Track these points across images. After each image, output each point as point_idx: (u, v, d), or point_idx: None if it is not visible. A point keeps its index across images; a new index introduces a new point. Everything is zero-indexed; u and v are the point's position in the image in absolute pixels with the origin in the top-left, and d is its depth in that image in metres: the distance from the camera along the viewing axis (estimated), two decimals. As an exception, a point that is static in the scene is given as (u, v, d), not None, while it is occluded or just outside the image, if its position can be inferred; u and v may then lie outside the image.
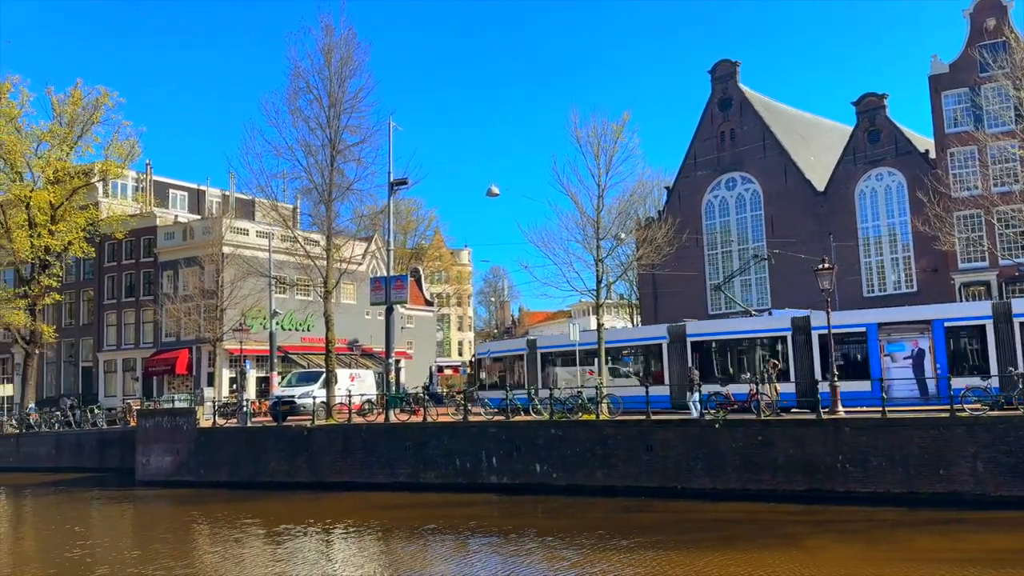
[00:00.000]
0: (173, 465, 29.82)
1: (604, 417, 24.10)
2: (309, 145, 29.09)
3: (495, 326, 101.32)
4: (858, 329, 24.31)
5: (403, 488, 24.79)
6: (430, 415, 26.71)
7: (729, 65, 47.30)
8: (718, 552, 15.72)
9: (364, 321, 48.88)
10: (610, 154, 29.50)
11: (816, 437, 20.39)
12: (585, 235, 29.79)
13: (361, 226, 33.75)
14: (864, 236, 41.89)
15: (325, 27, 29.25)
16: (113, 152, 44.08)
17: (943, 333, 23.16)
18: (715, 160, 46.96)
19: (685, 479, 21.64)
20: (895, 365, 23.55)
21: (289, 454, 27.44)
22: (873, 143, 41.66)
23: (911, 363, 23.36)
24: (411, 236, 78.01)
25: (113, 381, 49.24)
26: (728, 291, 40.17)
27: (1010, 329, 22.18)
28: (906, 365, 23.42)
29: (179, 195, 56.19)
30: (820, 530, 17.53)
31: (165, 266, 46.88)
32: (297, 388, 31.54)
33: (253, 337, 38.49)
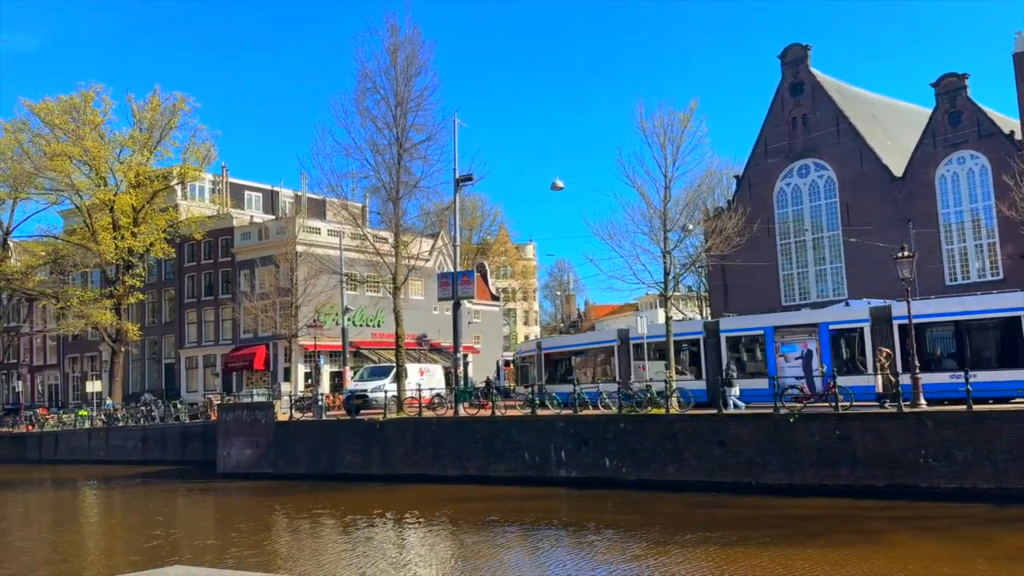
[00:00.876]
0: (253, 458, 30.72)
1: (674, 411, 23.83)
2: (377, 144, 29.56)
3: (560, 320, 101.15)
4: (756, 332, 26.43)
5: (473, 481, 25.02)
6: (498, 409, 26.89)
7: (800, 49, 46.00)
8: (795, 548, 15.38)
9: (432, 316, 49.45)
10: (677, 144, 29.03)
11: (897, 431, 19.72)
12: (652, 227, 29.40)
13: (428, 223, 34.16)
14: (945, 222, 40.24)
15: (391, 27, 29.64)
16: (191, 156, 45.74)
17: (828, 335, 24.79)
18: (787, 147, 45.76)
19: (759, 474, 21.22)
20: (788, 365, 25.09)
21: (363, 447, 28.01)
22: (954, 125, 39.95)
23: (800, 363, 24.93)
24: (476, 232, 78.58)
25: (194, 377, 51.09)
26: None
27: (889, 330, 23.23)
28: (797, 365, 25.02)
29: (254, 196, 57.88)
30: (902, 527, 16.97)
31: (242, 265, 48.33)
32: (369, 382, 32.14)
33: (326, 333, 39.41)
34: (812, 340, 25.57)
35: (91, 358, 56.40)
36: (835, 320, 25.81)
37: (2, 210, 49.63)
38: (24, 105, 45.03)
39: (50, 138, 44.43)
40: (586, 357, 33.34)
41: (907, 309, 21.67)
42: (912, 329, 21.32)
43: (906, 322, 21.74)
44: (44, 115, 44.24)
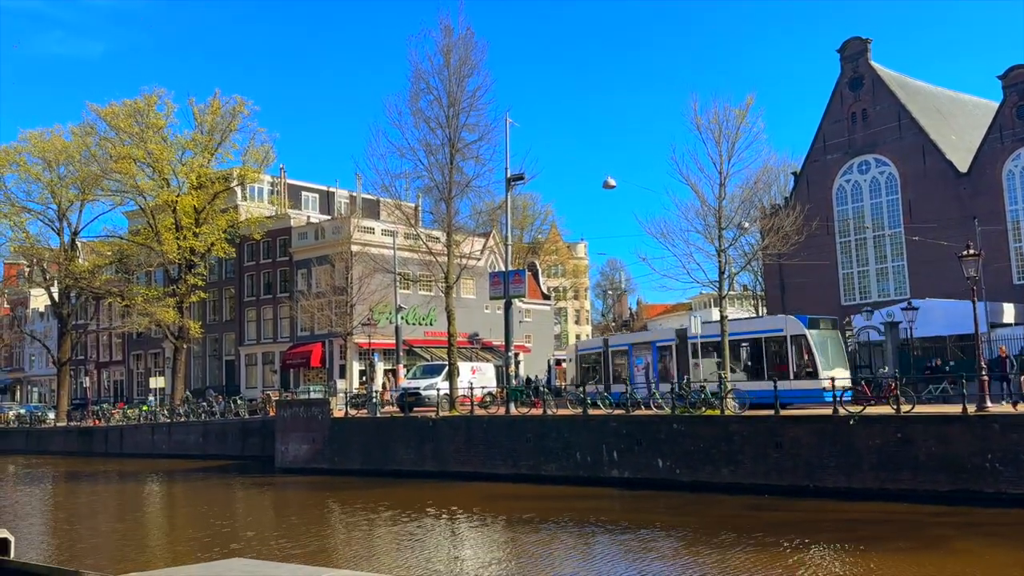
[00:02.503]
0: (309, 453, 31.30)
1: (729, 412, 23.49)
2: (429, 145, 29.83)
3: (612, 319, 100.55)
4: (623, 347, 33.25)
5: (524, 480, 25.07)
6: (549, 408, 26.89)
7: (859, 43, 44.86)
8: (856, 553, 15.02)
9: (483, 315, 49.69)
10: (732, 140, 28.57)
11: (962, 434, 19.09)
12: (706, 225, 29.00)
13: (480, 222, 34.34)
14: (1013, 219, 38.81)
15: (444, 28, 29.88)
16: (250, 158, 46.87)
17: (656, 351, 30.87)
18: (846, 143, 44.67)
19: (817, 477, 20.78)
20: (638, 374, 31.10)
21: (416, 444, 28.31)
22: (1022, 119, 38.48)
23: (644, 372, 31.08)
24: (528, 231, 78.69)
25: (253, 373, 52.31)
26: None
27: (685, 347, 29.41)
28: (642, 373, 31.04)
29: (310, 197, 59.00)
30: (969, 533, 16.42)
31: (299, 264, 49.30)
32: (422, 380, 32.45)
33: (380, 331, 39.93)
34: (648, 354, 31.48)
35: (154, 355, 58.23)
36: (658, 339, 31.97)
37: (71, 211, 51.64)
38: (91, 109, 46.78)
39: (115, 141, 45.99)
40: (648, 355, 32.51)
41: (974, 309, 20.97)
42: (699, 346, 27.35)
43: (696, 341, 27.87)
44: (110, 119, 45.81)
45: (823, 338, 26.86)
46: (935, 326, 32.98)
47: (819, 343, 26.33)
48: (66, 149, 48.33)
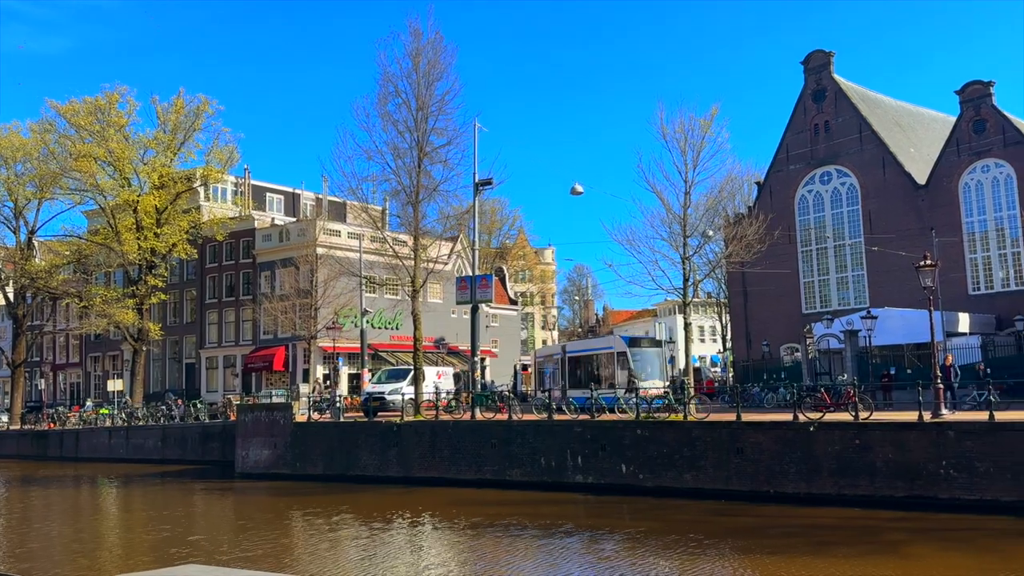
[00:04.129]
0: (271, 458, 30.91)
1: (692, 418, 23.72)
2: (397, 148, 29.72)
3: (579, 325, 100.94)
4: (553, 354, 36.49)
5: (489, 485, 25.02)
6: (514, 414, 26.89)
7: (823, 56, 45.68)
8: (813, 557, 15.26)
9: (450, 320, 49.58)
10: (697, 149, 29.09)
11: (918, 441, 19.49)
12: (671, 232, 29.47)
13: (447, 226, 34.28)
14: (969, 231, 39.74)
15: (413, 32, 29.82)
16: (214, 158, 46.23)
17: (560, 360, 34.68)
18: (809, 154, 45.43)
19: (777, 483, 21.06)
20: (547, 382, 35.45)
21: (379, 449, 28.11)
22: (978, 133, 39.47)
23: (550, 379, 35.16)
24: (495, 236, 78.70)
25: (214, 377, 51.54)
26: None
27: (565, 359, 34.03)
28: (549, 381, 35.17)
29: (275, 198, 58.41)
30: (923, 538, 16.77)
31: (263, 267, 48.73)
32: (387, 385, 32.27)
33: (345, 335, 39.62)
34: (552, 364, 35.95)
35: (113, 357, 57.10)
36: (549, 353, 37.51)
37: (28, 210, 50.46)
38: (50, 106, 45.83)
39: (75, 139, 45.09)
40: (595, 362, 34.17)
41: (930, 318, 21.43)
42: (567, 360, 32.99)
43: (571, 355, 33.94)
44: (70, 116, 44.90)
45: (642, 354, 31.42)
46: (893, 335, 33.63)
47: (638, 358, 30.70)
48: (24, 146, 47.25)
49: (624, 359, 30.68)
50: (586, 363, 33.77)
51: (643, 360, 31.14)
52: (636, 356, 30.87)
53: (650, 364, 31.40)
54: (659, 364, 32.13)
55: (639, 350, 31.70)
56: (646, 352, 32.03)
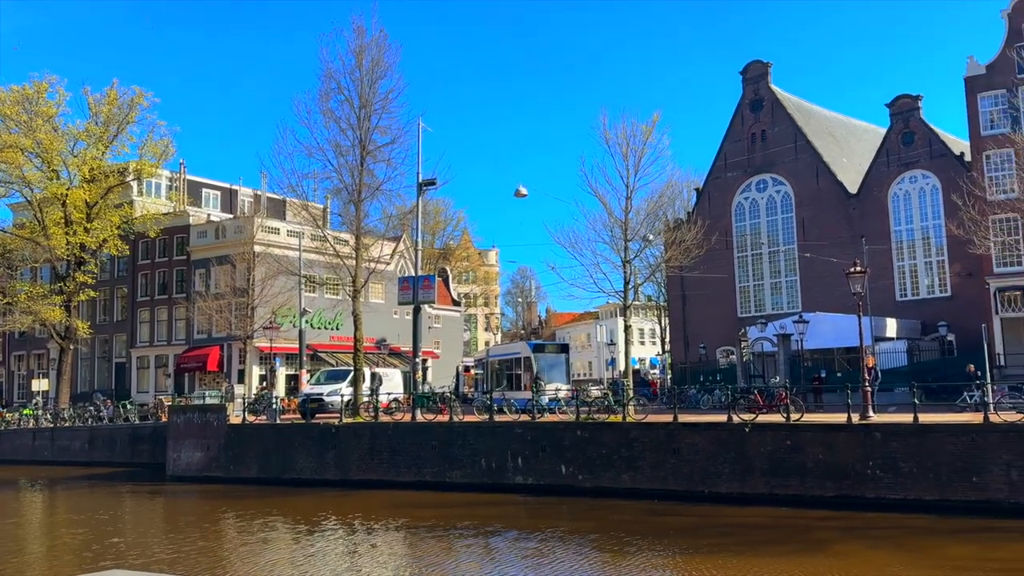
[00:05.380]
0: (203, 461, 30.19)
1: (631, 419, 24.02)
2: (339, 146, 29.36)
3: (522, 327, 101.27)
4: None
5: (429, 487, 24.90)
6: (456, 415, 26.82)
7: (761, 66, 46.80)
8: (744, 556, 15.59)
9: (392, 320, 49.16)
10: (639, 155, 29.48)
11: (846, 442, 20.13)
12: (613, 236, 29.78)
13: (390, 226, 33.95)
14: (897, 240, 41.22)
15: (357, 29, 29.50)
16: (148, 151, 44.82)
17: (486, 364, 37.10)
18: (746, 162, 46.49)
19: (712, 483, 21.49)
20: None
21: (317, 451, 27.69)
22: (907, 145, 40.99)
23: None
24: (439, 236, 78.36)
25: (145, 377, 50.05)
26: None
27: (488, 364, 36.41)
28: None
29: (212, 194, 57.01)
30: (850, 536, 17.31)
31: (198, 264, 47.52)
32: (325, 386, 31.82)
33: (283, 335, 38.89)
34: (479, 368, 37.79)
35: (38, 356, 54.91)
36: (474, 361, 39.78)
37: (-52, 201, 48.12)
38: (-28, 95, 43.71)
39: (1, 129, 43.20)
40: (510, 366, 35.47)
41: (859, 324, 22.12)
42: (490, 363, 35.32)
43: (492, 359, 36.20)
44: (-6, 105, 42.97)
45: (547, 359, 33.09)
46: (824, 338, 34.66)
47: (542, 363, 32.32)
48: (-57, 136, 45.01)
49: (530, 363, 32.40)
50: (504, 367, 35.55)
51: (548, 364, 32.84)
52: (541, 360, 32.67)
53: (555, 368, 33.06)
54: (563, 368, 33.71)
55: (543, 355, 33.57)
56: (550, 357, 33.77)
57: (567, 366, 34.44)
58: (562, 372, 33.35)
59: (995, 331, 34.26)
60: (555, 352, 34.95)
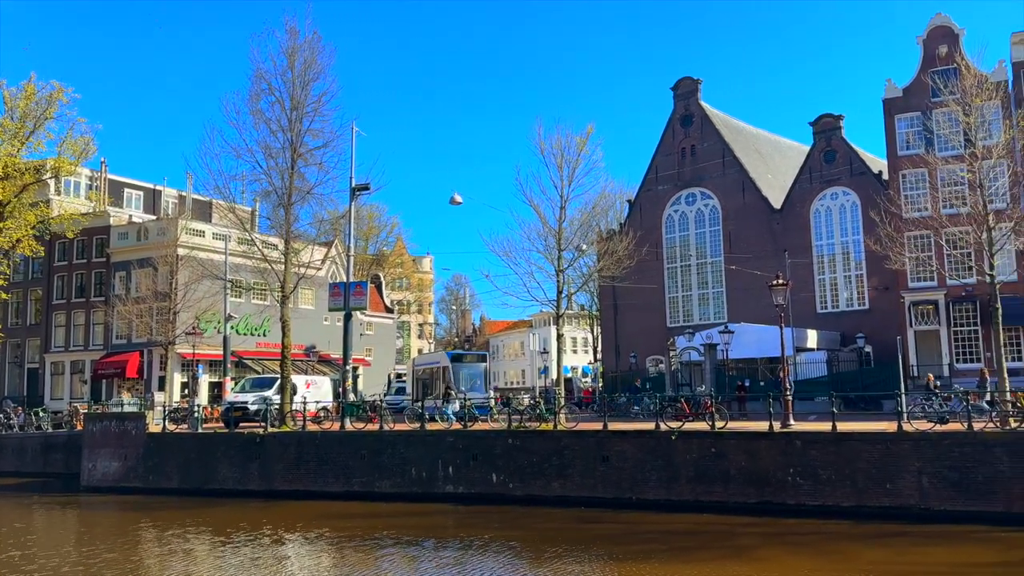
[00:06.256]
0: (120, 471, 29.10)
1: (561, 427, 24.14)
2: (269, 148, 28.75)
3: (456, 334, 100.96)
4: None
5: (357, 497, 24.51)
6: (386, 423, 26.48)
7: (691, 83, 47.93)
8: (668, 563, 15.84)
9: (322, 327, 48.33)
10: (573, 166, 29.79)
11: (768, 450, 20.67)
12: (547, 245, 29.96)
13: (321, 231, 33.42)
14: (818, 254, 42.68)
15: (289, 30, 28.98)
16: (66, 149, 42.88)
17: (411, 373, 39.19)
18: (676, 175, 47.50)
19: (639, 490, 21.77)
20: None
21: (241, 461, 26.96)
22: (829, 163, 42.53)
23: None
24: (372, 242, 77.42)
25: (60, 383, 47.93)
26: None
27: (413, 371, 38.32)
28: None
29: (134, 195, 55.09)
30: (771, 542, 17.75)
31: (118, 267, 45.84)
32: (251, 394, 31.02)
33: (206, 341, 37.78)
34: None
35: (-57, 360, 51.91)
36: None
37: None
38: None
39: (-93, 123, 40.76)
40: (432, 375, 36.04)
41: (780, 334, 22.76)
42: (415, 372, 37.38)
43: (417, 367, 38.23)
44: (-102, 97, 40.53)
45: (464, 368, 34.04)
46: (748, 348, 35.60)
47: (460, 372, 33.35)
48: None
49: (448, 372, 33.21)
50: (427, 376, 36.41)
51: (465, 373, 33.77)
52: (458, 370, 33.67)
53: (473, 377, 33.95)
54: (481, 377, 34.64)
55: (460, 364, 34.59)
56: (467, 366, 34.69)
57: (485, 375, 35.42)
58: (480, 381, 34.14)
59: (909, 343, 35.76)
60: (473, 362, 35.80)
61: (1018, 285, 32.95)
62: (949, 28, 37.06)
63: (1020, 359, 33.62)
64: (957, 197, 31.39)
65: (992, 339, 26.49)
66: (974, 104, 25.39)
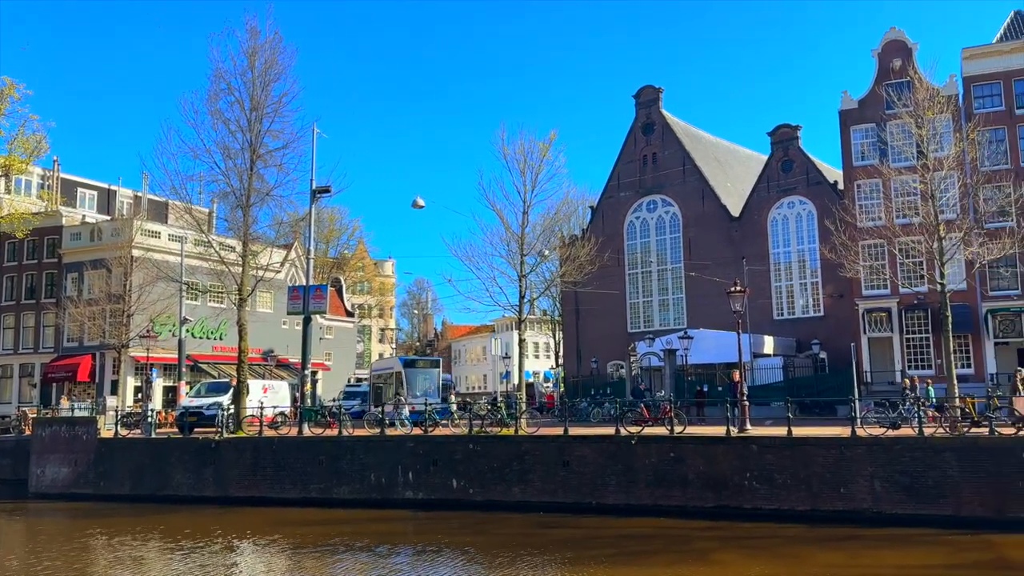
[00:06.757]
0: (71, 477, 28.34)
1: (523, 432, 24.13)
2: (228, 148, 28.31)
3: (417, 339, 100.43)
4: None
5: (314, 504, 24.19)
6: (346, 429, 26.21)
7: (652, 91, 48.43)
8: (627, 567, 15.90)
9: (281, 331, 47.70)
10: (536, 172, 29.89)
11: (725, 455, 20.89)
12: (509, 250, 29.98)
13: (281, 233, 32.98)
14: (775, 261, 43.38)
15: (250, 30, 28.60)
16: (18, 147, 41.66)
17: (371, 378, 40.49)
18: (637, 182, 47.92)
19: (600, 495, 21.83)
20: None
21: (195, 467, 26.43)
22: (786, 172, 43.28)
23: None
24: (333, 245, 76.74)
25: (8, 387, 46.57)
26: None
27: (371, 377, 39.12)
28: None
29: (88, 194, 53.84)
30: (728, 545, 17.93)
31: (70, 268, 44.73)
32: (206, 398, 30.48)
33: (161, 344, 37.03)
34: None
35: None
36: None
37: None
38: None
39: None
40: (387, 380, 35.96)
41: (738, 340, 23.06)
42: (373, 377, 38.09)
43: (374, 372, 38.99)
44: None
45: (415, 374, 34.32)
46: (707, 354, 36.01)
47: (413, 378, 33.71)
48: None
49: (401, 378, 33.46)
50: (383, 381, 36.50)
51: (417, 379, 34.09)
52: (410, 375, 33.95)
53: (426, 382, 34.23)
54: (435, 382, 34.86)
55: (413, 370, 34.86)
56: (420, 372, 35.01)
57: (438, 380, 35.57)
58: (433, 386, 34.40)
59: (863, 349, 36.50)
60: (426, 367, 36.16)
61: (968, 294, 33.90)
62: (903, 42, 38.01)
63: (969, 366, 34.53)
64: (910, 207, 32.11)
65: (943, 346, 27.16)
66: (926, 117, 26.05)
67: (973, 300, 34.65)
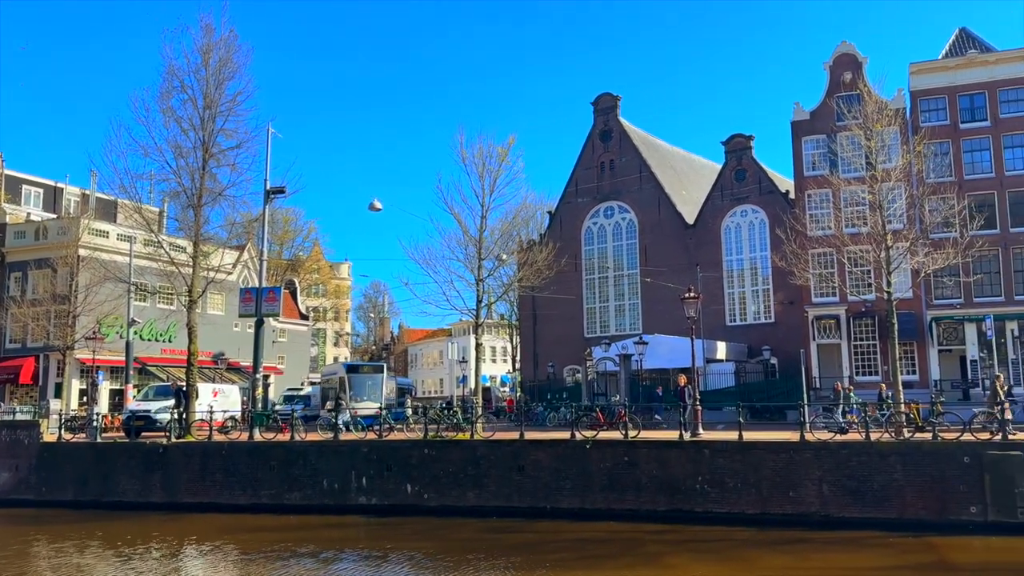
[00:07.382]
0: (11, 482, 27.43)
1: (478, 436, 24.06)
2: (180, 147, 27.71)
3: (373, 342, 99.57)
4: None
5: (265, 510, 23.76)
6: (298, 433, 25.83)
7: (610, 99, 48.89)
8: (577, 571, 15.96)
9: (232, 333, 46.88)
10: (495, 176, 29.86)
11: (678, 458, 21.12)
12: (467, 254, 29.88)
13: (233, 234, 32.34)
14: (728, 268, 44.09)
15: (204, 27, 28.05)
16: (-42, 141, 40.46)
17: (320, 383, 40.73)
18: (595, 189, 48.30)
19: (554, 499, 21.87)
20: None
21: (142, 472, 25.77)
22: (739, 181, 44.05)
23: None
24: (288, 247, 75.71)
25: (-56, 390, 44.81)
26: None
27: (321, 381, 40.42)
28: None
29: (33, 191, 52.21)
30: (679, 549, 18.11)
31: (13, 267, 43.34)
32: (154, 402, 29.75)
33: (108, 346, 36.09)
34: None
35: None
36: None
37: None
38: None
39: None
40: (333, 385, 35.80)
41: (691, 345, 23.34)
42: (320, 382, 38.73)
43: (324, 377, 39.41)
44: None
45: (359, 379, 34.54)
46: (661, 359, 36.42)
47: (356, 383, 33.96)
48: None
49: (345, 383, 33.52)
50: (329, 387, 36.69)
51: (361, 384, 34.23)
52: (354, 381, 34.17)
53: (370, 387, 34.42)
54: (378, 387, 34.99)
55: (356, 375, 35.05)
56: (364, 377, 35.12)
57: (382, 386, 35.68)
58: (377, 392, 34.53)
59: (812, 355, 37.27)
60: (370, 372, 36.13)
61: (913, 302, 34.86)
62: (853, 56, 38.99)
63: (915, 372, 35.50)
64: (858, 217, 32.87)
65: (889, 353, 27.87)
66: (875, 129, 26.72)
67: (918, 308, 35.65)
